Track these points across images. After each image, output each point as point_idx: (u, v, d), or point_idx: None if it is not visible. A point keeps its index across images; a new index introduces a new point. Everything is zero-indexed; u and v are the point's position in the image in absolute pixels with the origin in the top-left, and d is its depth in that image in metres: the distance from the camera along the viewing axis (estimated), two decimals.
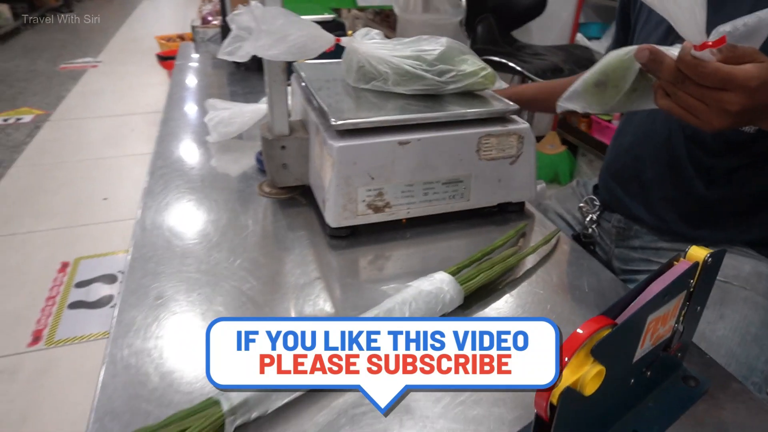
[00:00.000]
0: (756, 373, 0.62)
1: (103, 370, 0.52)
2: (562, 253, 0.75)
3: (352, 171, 0.70)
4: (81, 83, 4.31)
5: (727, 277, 0.72)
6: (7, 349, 1.61)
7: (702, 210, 0.80)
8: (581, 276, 0.69)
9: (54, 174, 2.76)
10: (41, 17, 6.82)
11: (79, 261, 2.03)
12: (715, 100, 0.49)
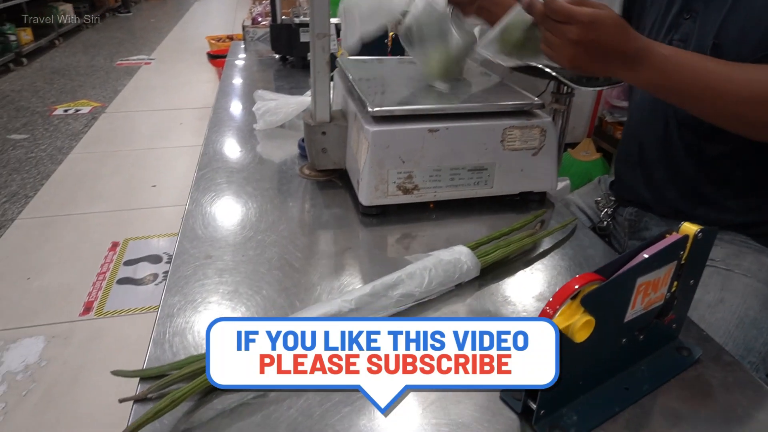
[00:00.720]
0: (753, 353, 0.66)
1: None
2: (577, 239, 0.79)
3: (385, 154, 0.77)
4: (135, 78, 4.54)
5: (729, 266, 0.75)
6: (62, 316, 1.75)
7: (695, 190, 0.84)
8: (593, 259, 0.74)
9: (108, 161, 2.94)
10: (101, 17, 7.19)
11: (128, 242, 2.17)
12: (561, 31, 0.64)
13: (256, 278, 0.67)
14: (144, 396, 0.49)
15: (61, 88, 4.19)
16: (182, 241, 0.74)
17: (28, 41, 4.98)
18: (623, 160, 0.96)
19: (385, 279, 0.61)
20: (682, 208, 0.85)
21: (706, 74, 0.65)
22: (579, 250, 0.76)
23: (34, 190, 2.59)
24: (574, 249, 0.77)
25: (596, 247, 0.78)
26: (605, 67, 0.67)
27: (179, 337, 0.58)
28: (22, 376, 1.52)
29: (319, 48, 0.82)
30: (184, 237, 0.75)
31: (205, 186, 0.90)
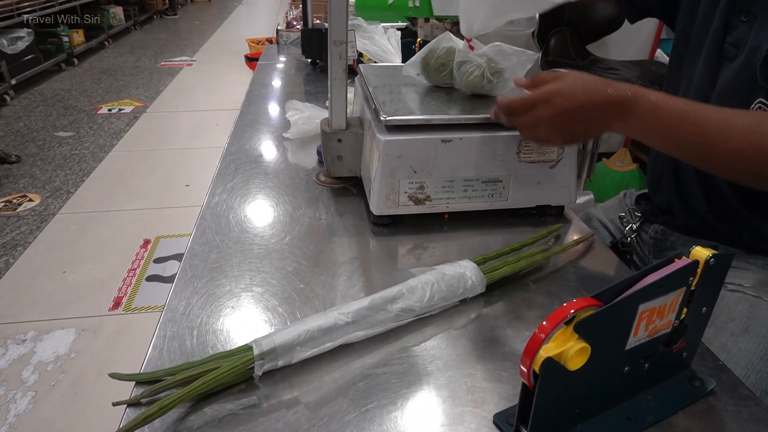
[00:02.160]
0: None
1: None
2: (594, 257, 0.76)
3: (397, 163, 0.76)
4: (177, 79, 4.68)
5: (759, 293, 0.71)
6: (93, 310, 1.81)
7: (729, 209, 0.79)
8: (609, 279, 0.71)
9: (145, 160, 3.03)
10: (149, 19, 7.45)
11: (159, 239, 2.23)
12: (531, 121, 0.68)
13: (260, 285, 0.67)
14: (136, 401, 0.50)
15: (107, 88, 4.36)
16: (193, 246, 0.75)
17: (80, 42, 5.20)
18: (656, 174, 0.92)
19: (384, 292, 0.60)
20: (715, 226, 0.81)
21: (702, 121, 0.61)
22: (595, 269, 0.74)
23: (75, 186, 2.69)
24: (590, 267, 0.74)
25: (613, 266, 0.74)
26: (596, 125, 0.67)
27: (178, 342, 0.58)
28: (53, 367, 1.58)
29: (336, 55, 0.82)
30: (196, 241, 0.76)
31: (221, 189, 0.91)
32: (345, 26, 0.81)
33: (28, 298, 1.87)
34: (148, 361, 0.56)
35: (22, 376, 1.54)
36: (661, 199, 0.91)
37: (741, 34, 0.74)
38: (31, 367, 1.57)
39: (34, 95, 4.10)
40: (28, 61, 4.15)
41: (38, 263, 2.07)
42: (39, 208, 2.49)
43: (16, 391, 1.49)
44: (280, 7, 8.78)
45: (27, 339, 1.67)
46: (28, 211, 2.45)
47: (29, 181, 2.74)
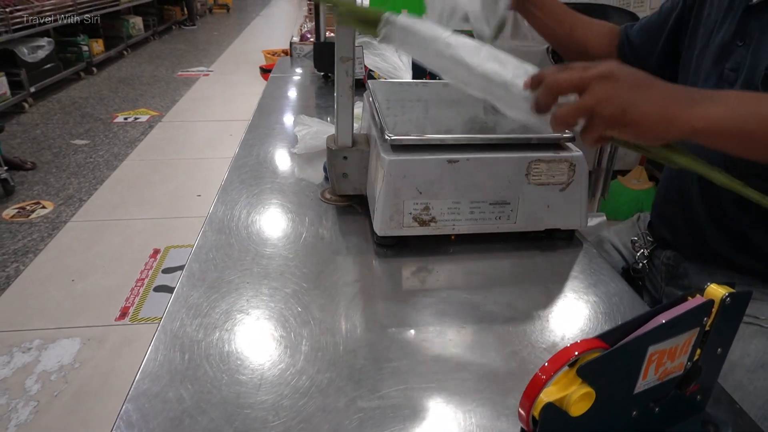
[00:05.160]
0: None
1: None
2: (604, 285, 0.73)
3: (401, 184, 0.74)
4: (193, 89, 4.72)
5: None
6: (99, 320, 1.81)
7: (740, 235, 0.75)
8: (618, 310, 0.68)
9: (159, 169, 3.05)
10: (167, 29, 7.56)
11: (169, 249, 2.23)
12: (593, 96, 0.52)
13: (256, 307, 0.65)
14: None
15: (124, 97, 4.41)
16: (191, 264, 0.74)
17: (99, 51, 5.29)
18: (662, 198, 0.89)
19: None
20: (725, 255, 0.78)
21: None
22: (605, 298, 0.71)
23: (88, 194, 2.71)
24: (599, 296, 0.71)
25: (624, 295, 0.71)
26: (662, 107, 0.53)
27: (168, 364, 0.56)
28: (56, 377, 1.57)
29: (342, 72, 0.80)
30: (195, 258, 0.75)
31: (224, 205, 0.90)
32: (352, 43, 0.80)
33: (35, 306, 1.87)
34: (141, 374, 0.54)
35: (25, 386, 1.53)
36: (668, 229, 0.88)
37: (739, 58, 0.72)
38: (34, 376, 1.56)
39: (52, 103, 4.16)
40: (48, 70, 4.22)
41: (47, 271, 2.08)
42: (51, 215, 2.51)
43: (18, 400, 1.49)
44: (297, 19, 8.87)
45: (32, 347, 1.67)
46: (40, 219, 2.47)
47: (43, 188, 2.76)
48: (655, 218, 0.94)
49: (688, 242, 0.84)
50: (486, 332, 0.63)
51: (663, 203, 0.91)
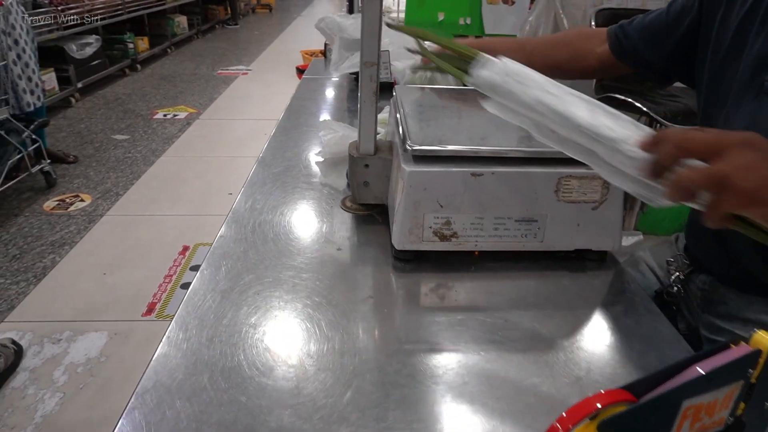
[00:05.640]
0: None
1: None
2: (636, 312, 0.68)
3: (422, 196, 0.71)
4: (231, 87, 4.79)
5: None
6: (126, 314, 1.84)
7: None
8: (652, 342, 0.63)
9: (193, 166, 3.10)
10: (210, 28, 7.72)
11: (198, 246, 2.25)
12: (728, 165, 0.44)
13: (264, 320, 0.63)
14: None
15: (164, 94, 4.51)
16: (203, 270, 0.72)
17: (144, 49, 5.43)
18: (694, 218, 0.83)
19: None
20: (766, 282, 0.71)
21: None
22: (636, 330, 0.65)
23: (124, 188, 2.77)
24: (631, 327, 0.65)
25: (659, 328, 0.66)
26: None
27: (169, 379, 0.54)
28: (83, 369, 1.60)
29: (366, 77, 0.77)
30: (209, 264, 0.73)
31: (244, 209, 0.88)
32: (377, 47, 0.77)
33: (68, 298, 1.91)
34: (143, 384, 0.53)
35: (53, 377, 1.56)
36: (702, 252, 0.82)
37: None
38: (62, 367, 1.60)
39: (97, 98, 4.29)
40: (95, 66, 4.35)
41: (81, 264, 2.13)
42: (89, 208, 2.57)
43: (45, 391, 1.52)
44: None
45: (62, 339, 1.70)
46: (78, 211, 2.54)
47: (83, 182, 2.84)
48: (689, 239, 0.87)
49: (724, 267, 0.78)
50: (504, 361, 0.59)
51: (696, 223, 0.84)
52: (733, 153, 0.44)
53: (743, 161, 0.43)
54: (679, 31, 0.83)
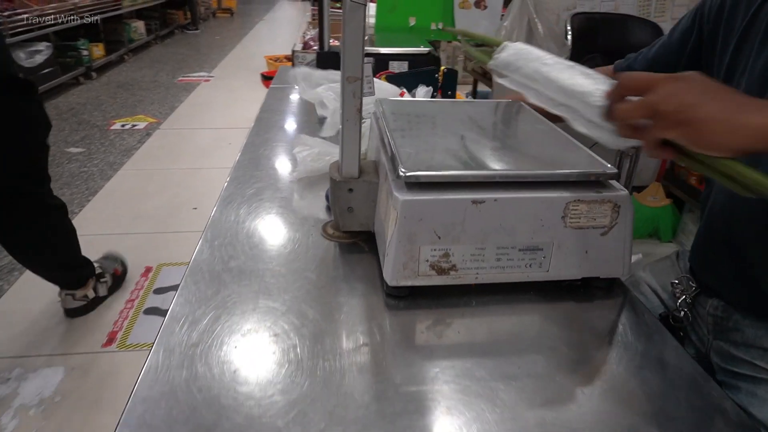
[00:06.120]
0: None
1: None
2: (651, 342, 0.62)
3: (417, 228, 0.63)
4: (193, 95, 4.62)
5: None
6: (85, 346, 1.69)
7: None
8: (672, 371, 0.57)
9: (154, 179, 2.94)
10: (170, 33, 7.48)
11: (161, 267, 2.11)
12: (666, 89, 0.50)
13: (247, 383, 0.54)
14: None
15: (122, 103, 4.31)
16: (174, 308, 0.63)
17: (100, 56, 5.19)
18: (704, 239, 0.78)
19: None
20: None
21: None
22: (661, 371, 0.59)
23: (80, 206, 2.60)
24: (653, 370, 0.59)
25: (683, 367, 0.60)
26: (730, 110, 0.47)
27: None
28: (35, 412, 1.45)
29: (349, 93, 0.70)
30: (178, 302, 0.64)
31: (212, 237, 0.79)
32: (361, 60, 0.69)
33: (17, 331, 1.75)
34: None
35: (1, 422, 1.42)
36: (713, 276, 0.77)
37: None
38: (11, 411, 1.45)
39: (49, 109, 4.04)
40: (46, 75, 4.12)
41: (31, 290, 1.96)
42: None
43: None
44: (300, 23, 8.79)
45: (11, 378, 1.55)
46: None
47: None
48: (696, 262, 0.83)
49: (740, 292, 0.73)
50: (512, 423, 0.51)
51: (706, 245, 0.79)
52: (661, 85, 0.51)
53: (668, 90, 0.50)
54: (684, 53, 0.81)
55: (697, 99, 0.48)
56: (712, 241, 0.77)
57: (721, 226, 0.74)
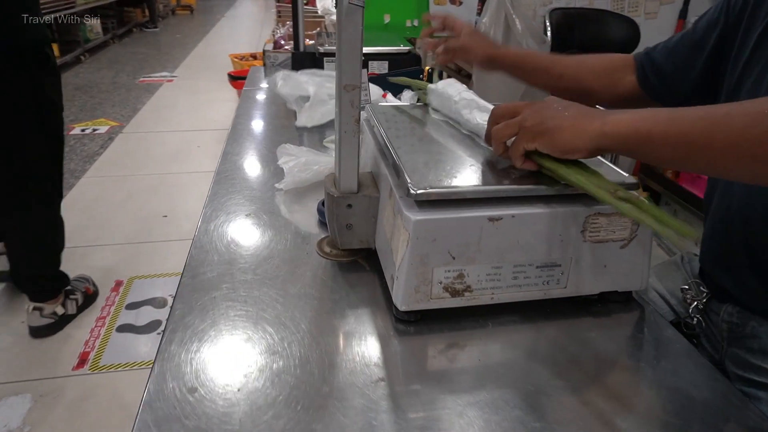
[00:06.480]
0: None
1: None
2: (671, 353, 0.59)
3: (430, 249, 0.59)
4: (156, 96, 4.46)
5: None
6: (54, 370, 1.59)
7: None
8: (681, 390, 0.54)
9: (120, 187, 2.81)
10: (128, 32, 7.21)
11: (133, 281, 2.01)
12: (521, 117, 0.60)
13: None
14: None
15: (81, 106, 4.12)
16: (159, 374, 0.56)
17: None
18: (715, 238, 0.76)
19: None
20: None
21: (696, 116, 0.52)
22: (697, 391, 0.56)
23: None
24: (688, 395, 0.56)
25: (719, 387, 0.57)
26: (578, 118, 0.57)
27: None
28: None
29: (347, 102, 0.64)
30: (158, 371, 0.58)
31: (198, 263, 0.73)
32: (359, 67, 0.64)
33: None
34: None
35: None
36: (727, 278, 0.75)
37: None
38: None
39: None
40: None
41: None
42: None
43: None
44: (264, 20, 8.62)
45: None
46: None
47: None
48: (707, 263, 0.80)
49: (758, 296, 0.71)
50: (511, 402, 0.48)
51: (718, 245, 0.77)
52: (525, 108, 0.61)
53: (530, 110, 0.60)
54: (707, 47, 0.78)
55: (552, 113, 0.58)
56: (728, 242, 0.74)
57: (738, 226, 0.71)
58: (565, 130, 0.57)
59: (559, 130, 0.57)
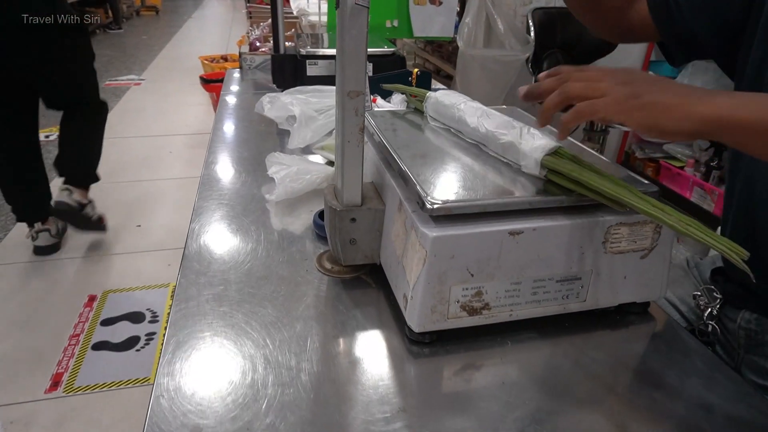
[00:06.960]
0: None
1: None
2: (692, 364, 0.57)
3: (448, 266, 0.55)
4: (123, 100, 4.31)
5: None
6: (24, 394, 1.50)
7: None
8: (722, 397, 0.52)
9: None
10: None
11: (107, 295, 1.92)
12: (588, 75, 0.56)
13: None
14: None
15: (43, 111, 3.94)
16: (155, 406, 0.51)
17: None
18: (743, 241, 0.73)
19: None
20: None
21: None
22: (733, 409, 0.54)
23: (4, 230, 2.34)
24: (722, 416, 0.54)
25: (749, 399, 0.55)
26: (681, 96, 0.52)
27: None
28: None
29: (351, 110, 0.60)
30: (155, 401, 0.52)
31: (187, 286, 0.67)
32: (364, 72, 0.60)
33: None
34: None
35: None
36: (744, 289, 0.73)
37: None
38: None
39: None
40: None
41: None
42: None
43: None
44: (233, 21, 8.47)
45: None
46: None
47: None
48: (730, 266, 0.77)
49: None
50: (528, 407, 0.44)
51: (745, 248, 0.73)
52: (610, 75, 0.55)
53: (620, 79, 0.54)
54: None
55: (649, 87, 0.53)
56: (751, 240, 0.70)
57: (752, 228, 0.69)
58: (672, 109, 0.50)
59: (664, 107, 0.51)
